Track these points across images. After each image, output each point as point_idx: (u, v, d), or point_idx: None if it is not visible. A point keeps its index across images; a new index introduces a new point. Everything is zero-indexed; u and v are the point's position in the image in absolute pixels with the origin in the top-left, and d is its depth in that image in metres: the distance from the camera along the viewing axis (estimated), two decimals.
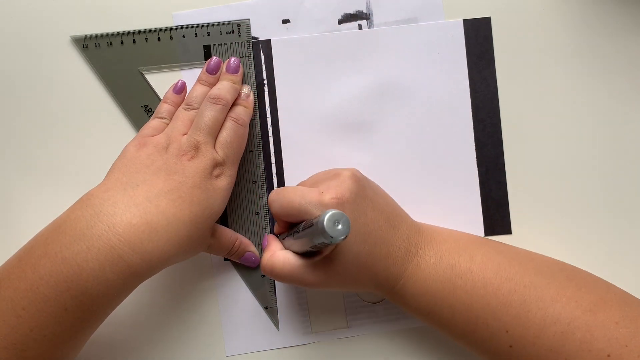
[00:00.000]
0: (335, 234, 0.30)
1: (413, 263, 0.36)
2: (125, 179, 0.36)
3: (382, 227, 0.36)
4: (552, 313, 0.33)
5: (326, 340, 0.43)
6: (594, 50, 0.42)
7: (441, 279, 0.36)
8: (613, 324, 0.33)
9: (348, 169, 0.36)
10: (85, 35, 0.43)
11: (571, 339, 0.33)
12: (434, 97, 0.43)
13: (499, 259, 0.36)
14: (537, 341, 0.33)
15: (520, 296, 0.34)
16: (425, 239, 0.37)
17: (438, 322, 0.37)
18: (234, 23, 0.43)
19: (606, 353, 0.32)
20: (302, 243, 0.34)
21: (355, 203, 0.35)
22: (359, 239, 0.35)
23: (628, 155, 0.43)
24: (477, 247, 0.37)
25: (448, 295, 0.36)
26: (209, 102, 0.38)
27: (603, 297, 0.35)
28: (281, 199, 0.36)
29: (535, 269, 0.36)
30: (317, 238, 0.31)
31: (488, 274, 0.35)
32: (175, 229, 0.34)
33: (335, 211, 0.30)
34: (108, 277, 0.32)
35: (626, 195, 0.43)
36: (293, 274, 0.36)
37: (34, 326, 0.32)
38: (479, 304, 0.35)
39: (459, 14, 0.42)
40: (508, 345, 0.34)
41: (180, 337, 0.43)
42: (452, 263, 0.36)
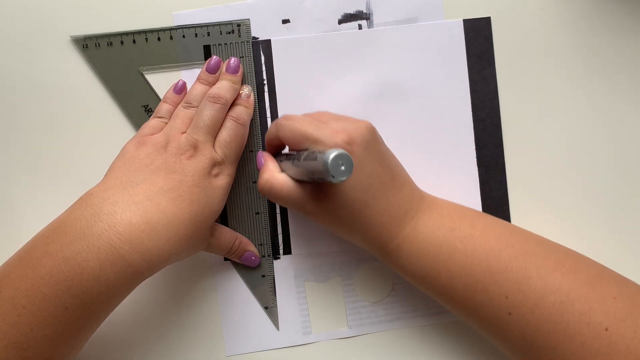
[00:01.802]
0: (337, 174, 0.29)
1: (410, 225, 0.36)
2: (125, 178, 0.36)
3: (386, 184, 0.35)
4: (553, 282, 0.33)
5: (326, 340, 0.43)
6: (594, 50, 0.42)
7: (440, 242, 0.35)
8: (611, 298, 0.33)
9: (366, 120, 0.36)
10: (85, 35, 0.43)
11: (570, 309, 0.33)
12: (434, 97, 0.43)
13: (501, 229, 0.36)
14: (536, 310, 0.33)
15: (521, 263, 0.34)
16: (426, 204, 0.37)
17: (435, 287, 0.36)
18: (234, 23, 0.43)
19: (604, 326, 0.32)
20: (301, 172, 0.34)
21: (365, 152, 0.34)
22: (359, 187, 0.34)
23: (628, 155, 0.43)
24: (479, 216, 0.37)
25: (446, 259, 0.35)
26: (208, 101, 0.38)
27: (601, 273, 0.34)
28: (293, 125, 0.35)
29: (536, 240, 0.36)
30: (318, 173, 0.30)
31: (489, 240, 0.35)
32: (175, 228, 0.34)
33: (342, 152, 0.29)
34: (108, 276, 0.33)
35: (626, 195, 0.43)
36: (290, 198, 0.35)
37: (35, 325, 0.32)
38: (479, 268, 0.34)
39: (459, 14, 0.42)
40: (507, 312, 0.34)
41: (180, 337, 0.43)
42: (452, 227, 0.36)
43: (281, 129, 0.36)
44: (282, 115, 0.37)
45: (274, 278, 0.43)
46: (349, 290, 0.43)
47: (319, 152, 0.31)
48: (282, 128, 0.36)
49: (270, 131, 0.38)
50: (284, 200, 0.36)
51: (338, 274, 0.43)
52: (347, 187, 0.34)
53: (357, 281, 0.43)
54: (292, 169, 0.35)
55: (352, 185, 0.34)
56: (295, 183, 0.35)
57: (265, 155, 0.38)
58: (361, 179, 0.34)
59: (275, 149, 0.39)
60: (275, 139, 0.37)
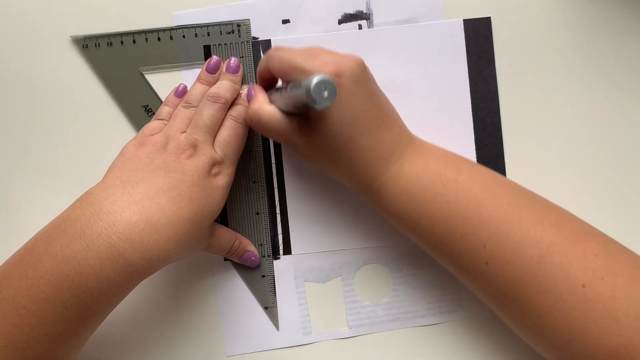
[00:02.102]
0: (319, 99, 0.29)
1: (396, 166, 0.36)
2: (125, 177, 0.36)
3: (373, 121, 0.35)
4: (534, 235, 0.33)
5: (326, 340, 0.43)
6: (594, 50, 0.42)
7: (424, 186, 0.35)
8: (592, 255, 0.32)
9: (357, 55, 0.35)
10: (85, 35, 0.43)
11: (548, 262, 0.32)
12: (434, 97, 0.43)
13: (487, 177, 0.36)
14: (514, 261, 0.33)
15: (503, 214, 0.34)
16: (415, 146, 0.37)
17: (415, 231, 0.36)
18: (234, 23, 0.43)
19: (581, 282, 0.32)
20: (288, 102, 0.33)
21: (354, 85, 0.34)
22: (346, 120, 0.34)
23: (629, 155, 0.43)
24: (468, 163, 0.37)
25: (428, 203, 0.35)
26: (208, 100, 0.38)
27: (584, 229, 0.34)
28: (283, 55, 0.35)
29: (522, 192, 0.36)
30: (302, 100, 0.30)
31: (474, 187, 0.35)
32: (174, 227, 0.34)
33: (326, 77, 0.29)
34: (108, 275, 0.32)
35: (627, 195, 0.43)
36: (278, 129, 0.35)
37: (35, 324, 0.32)
38: (459, 216, 0.34)
39: (459, 14, 0.42)
40: (484, 262, 0.34)
41: (180, 337, 0.43)
42: (437, 171, 0.35)
43: (271, 59, 0.36)
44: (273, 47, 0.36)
45: (274, 278, 0.43)
46: (349, 290, 0.43)
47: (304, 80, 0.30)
48: (272, 59, 0.36)
49: (261, 63, 0.38)
50: (272, 131, 0.36)
51: (338, 274, 0.43)
52: (333, 119, 0.34)
53: (357, 281, 0.43)
54: (280, 100, 0.35)
55: (338, 118, 0.34)
56: (283, 115, 0.35)
57: (256, 88, 0.38)
58: (348, 112, 0.34)
59: (267, 82, 0.39)
60: (266, 71, 0.37)
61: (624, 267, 0.32)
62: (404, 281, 0.43)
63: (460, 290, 0.43)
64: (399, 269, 0.43)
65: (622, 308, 0.31)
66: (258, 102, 0.36)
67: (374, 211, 0.43)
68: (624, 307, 0.31)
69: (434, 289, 0.43)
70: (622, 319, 0.31)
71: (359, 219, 0.43)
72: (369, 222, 0.43)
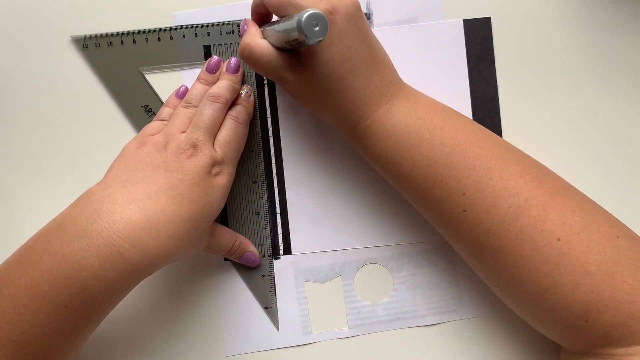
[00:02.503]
0: (311, 34, 0.29)
1: (384, 108, 0.36)
2: (125, 176, 0.36)
3: (365, 62, 0.35)
4: (514, 186, 0.33)
5: (326, 340, 0.43)
6: (594, 50, 0.42)
7: (409, 130, 0.35)
8: (570, 211, 0.33)
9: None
10: (85, 35, 0.43)
11: (526, 214, 0.33)
12: (434, 97, 0.43)
13: (473, 128, 0.36)
14: (491, 210, 0.33)
15: (485, 163, 0.34)
16: (404, 92, 0.37)
17: (396, 174, 0.36)
18: (234, 23, 0.43)
19: (557, 236, 0.32)
20: (280, 37, 0.33)
21: (347, 24, 0.34)
22: (337, 59, 0.34)
23: (629, 155, 0.43)
24: (455, 113, 0.37)
25: (412, 147, 0.35)
26: (208, 100, 0.38)
27: (565, 187, 0.35)
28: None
29: (507, 146, 0.36)
30: (293, 34, 0.30)
31: (458, 135, 0.35)
32: (174, 226, 0.34)
33: (317, 11, 0.29)
34: (108, 274, 0.32)
35: (627, 195, 0.43)
36: (269, 63, 0.35)
37: (34, 323, 0.32)
38: (441, 161, 0.34)
39: (459, 14, 0.43)
40: (462, 209, 0.34)
41: (180, 337, 0.43)
42: (424, 117, 0.35)
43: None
44: None
45: (274, 278, 0.43)
46: (349, 290, 0.43)
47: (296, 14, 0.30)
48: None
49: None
50: (263, 65, 0.35)
51: (338, 274, 0.43)
52: (325, 57, 0.34)
53: (357, 281, 0.43)
54: (273, 36, 0.35)
55: (330, 56, 0.34)
56: (275, 50, 0.35)
57: (249, 22, 0.38)
58: (340, 50, 0.34)
59: (261, 17, 0.39)
60: (260, 5, 0.37)
61: (600, 225, 0.33)
62: (404, 281, 0.43)
63: (460, 290, 0.43)
64: (399, 269, 0.43)
65: (595, 263, 0.32)
66: (250, 35, 0.36)
67: (374, 211, 0.43)
68: (597, 263, 0.32)
69: (434, 289, 0.43)
70: (594, 274, 0.31)
71: (359, 219, 0.43)
72: (369, 222, 0.43)
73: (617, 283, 0.31)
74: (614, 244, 0.32)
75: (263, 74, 0.37)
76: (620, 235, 0.33)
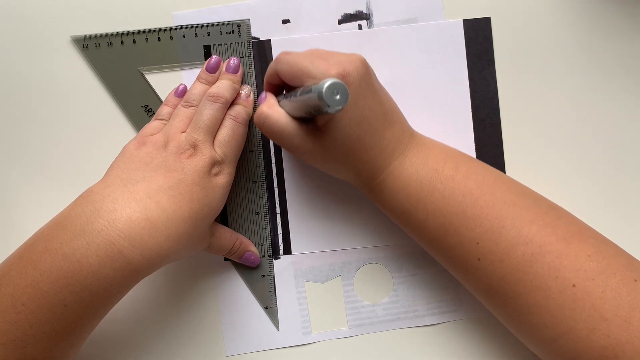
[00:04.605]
0: (332, 102, 0.29)
1: (397, 161, 0.36)
2: (125, 175, 0.36)
3: (378, 119, 0.35)
4: (526, 234, 0.33)
5: (326, 340, 0.43)
6: (594, 50, 0.42)
7: (422, 180, 0.35)
8: (585, 256, 0.33)
9: (360, 55, 0.36)
10: (85, 35, 0.43)
11: (540, 262, 0.33)
12: (434, 97, 0.43)
13: (485, 174, 0.36)
14: (505, 258, 0.33)
15: (497, 211, 0.34)
16: (415, 142, 0.37)
17: (411, 225, 0.37)
18: (234, 23, 0.43)
19: (572, 282, 0.32)
20: (298, 107, 0.33)
21: (360, 86, 0.34)
22: (354, 121, 0.34)
23: (629, 155, 0.43)
24: (467, 160, 0.37)
25: (425, 197, 0.35)
26: (207, 100, 0.38)
27: (580, 230, 0.34)
28: (290, 58, 0.35)
29: (520, 191, 0.36)
30: (314, 104, 0.30)
31: (470, 184, 0.35)
32: (174, 225, 0.34)
33: (336, 80, 0.29)
34: (107, 273, 0.32)
35: (627, 195, 0.43)
36: (283, 133, 0.35)
37: (34, 322, 0.32)
38: (454, 211, 0.34)
39: (459, 14, 0.43)
40: (476, 257, 0.34)
41: (180, 337, 0.43)
42: (435, 167, 0.36)
43: (279, 62, 0.36)
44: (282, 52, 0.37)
45: (274, 278, 0.43)
46: (349, 290, 0.43)
47: (314, 85, 0.30)
48: (280, 62, 0.36)
49: (270, 68, 0.38)
50: (278, 133, 0.35)
51: (338, 274, 0.43)
52: (342, 121, 0.34)
53: (357, 281, 0.43)
54: (289, 106, 0.35)
55: (347, 119, 0.34)
56: (291, 119, 0.35)
57: (268, 94, 0.38)
58: (356, 112, 0.34)
59: (275, 88, 0.39)
60: (274, 75, 0.37)
61: (616, 269, 0.32)
62: (404, 281, 0.43)
63: (460, 290, 0.43)
64: (399, 269, 0.43)
65: (611, 309, 0.31)
66: (268, 105, 0.36)
67: (374, 211, 0.43)
68: (613, 308, 0.31)
69: (434, 289, 0.43)
70: (610, 319, 0.31)
71: (359, 219, 0.43)
72: (369, 222, 0.43)
73: (634, 328, 0.31)
74: (632, 288, 0.32)
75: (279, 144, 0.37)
76: (638, 278, 0.32)
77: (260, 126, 0.36)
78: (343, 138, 0.34)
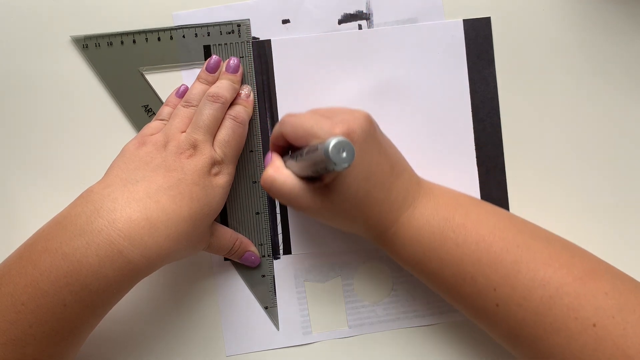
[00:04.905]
0: (339, 160, 0.29)
1: (408, 212, 0.36)
2: (125, 175, 0.36)
3: (385, 172, 0.35)
4: (542, 276, 0.33)
5: (326, 340, 0.43)
6: (594, 50, 0.42)
7: (434, 230, 0.35)
8: (602, 294, 0.33)
9: (363, 110, 0.36)
10: (85, 35, 0.43)
11: (558, 304, 0.32)
12: (434, 97, 0.43)
13: (496, 219, 0.36)
14: (523, 302, 0.33)
15: (512, 256, 0.34)
16: (424, 191, 0.37)
17: (426, 274, 0.37)
18: (234, 23, 0.43)
19: (592, 322, 0.32)
20: (304, 167, 0.34)
21: (365, 142, 0.34)
22: (361, 177, 0.34)
23: (629, 155, 0.43)
24: (475, 205, 0.37)
25: (438, 247, 0.35)
26: (207, 100, 0.38)
27: (595, 268, 0.34)
28: (295, 120, 0.35)
29: (532, 233, 0.36)
30: (320, 163, 0.30)
31: (482, 231, 0.35)
32: (174, 225, 0.34)
33: (342, 138, 0.29)
34: (107, 273, 0.32)
35: (627, 195, 0.43)
36: (291, 194, 0.35)
37: (33, 322, 0.32)
38: (468, 259, 0.34)
39: (459, 14, 0.43)
40: (494, 304, 0.34)
41: (180, 337, 0.43)
42: (446, 216, 0.36)
43: (283, 125, 0.36)
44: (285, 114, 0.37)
45: (274, 278, 0.43)
46: (349, 290, 0.43)
47: (320, 144, 0.31)
48: (285, 124, 0.36)
49: (275, 130, 0.38)
50: (286, 195, 0.35)
51: (338, 274, 0.43)
52: (350, 178, 0.34)
53: (357, 281, 0.43)
54: (295, 166, 0.35)
55: (355, 175, 0.34)
56: (298, 179, 0.35)
57: (273, 155, 0.38)
58: (363, 168, 0.34)
59: (281, 149, 0.39)
60: (279, 137, 0.37)
61: (635, 305, 0.32)
62: (404, 281, 0.43)
63: None
64: (399, 269, 0.43)
65: (633, 345, 0.31)
66: (273, 167, 0.36)
67: None
68: (635, 345, 0.31)
69: None
70: (634, 356, 0.31)
71: None
72: None
73: None
74: None
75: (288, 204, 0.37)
76: None
77: (268, 189, 0.36)
78: (352, 194, 0.34)
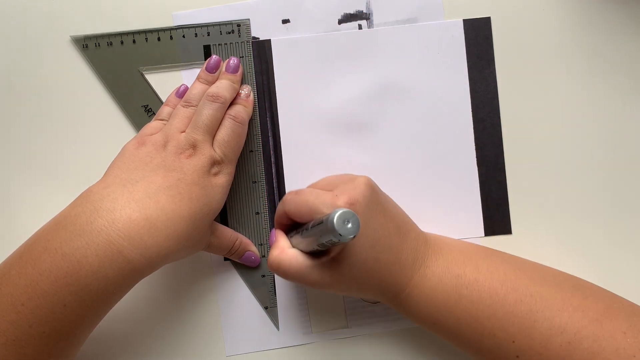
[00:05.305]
0: (345, 232, 0.29)
1: (419, 272, 0.36)
2: (124, 175, 0.36)
3: (392, 235, 0.36)
4: (559, 323, 0.33)
5: (326, 340, 0.43)
6: (594, 50, 0.42)
7: (447, 289, 0.36)
8: (620, 334, 0.33)
9: (363, 176, 0.36)
10: (85, 35, 0.43)
11: (578, 349, 0.33)
12: (434, 97, 0.43)
13: (505, 269, 0.36)
14: (543, 351, 0.33)
15: (526, 306, 0.34)
16: (432, 248, 0.37)
17: (444, 332, 0.37)
18: (234, 23, 0.43)
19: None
20: (310, 242, 0.34)
21: (368, 208, 0.34)
22: (368, 244, 0.34)
23: (629, 155, 0.43)
24: (483, 257, 0.37)
25: (454, 305, 0.35)
26: (207, 100, 0.38)
27: (609, 307, 0.34)
28: (297, 198, 0.36)
29: (542, 278, 0.36)
30: (326, 236, 0.30)
31: (494, 284, 0.35)
32: (174, 225, 0.34)
33: (346, 210, 0.30)
34: (107, 273, 0.32)
35: (626, 195, 0.43)
36: (299, 273, 0.35)
37: (33, 322, 0.32)
38: (484, 314, 0.35)
39: (459, 14, 0.43)
40: (515, 355, 0.34)
41: (180, 337, 0.43)
42: (458, 273, 0.36)
43: (286, 204, 0.36)
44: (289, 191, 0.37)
45: (274, 278, 0.43)
46: None
47: (324, 217, 0.31)
48: (287, 203, 0.36)
49: (278, 208, 0.38)
50: (294, 275, 0.35)
51: None
52: (357, 247, 0.34)
53: None
54: (302, 242, 0.35)
55: (361, 243, 0.34)
56: (304, 257, 0.35)
57: (277, 233, 0.38)
58: (368, 235, 0.34)
59: (285, 227, 0.39)
60: (283, 215, 0.37)
61: None
62: None
63: None
64: None
65: None
66: (279, 247, 0.36)
67: None
68: None
69: None
70: None
71: None
72: None
73: None
74: None
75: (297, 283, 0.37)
76: None
77: (275, 271, 0.36)
78: (360, 262, 0.34)
